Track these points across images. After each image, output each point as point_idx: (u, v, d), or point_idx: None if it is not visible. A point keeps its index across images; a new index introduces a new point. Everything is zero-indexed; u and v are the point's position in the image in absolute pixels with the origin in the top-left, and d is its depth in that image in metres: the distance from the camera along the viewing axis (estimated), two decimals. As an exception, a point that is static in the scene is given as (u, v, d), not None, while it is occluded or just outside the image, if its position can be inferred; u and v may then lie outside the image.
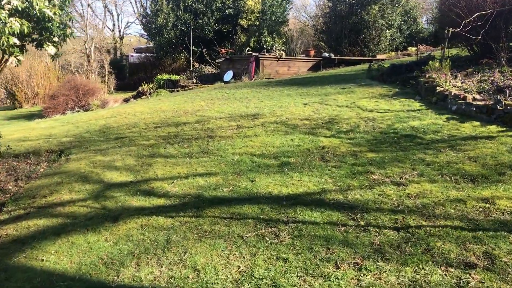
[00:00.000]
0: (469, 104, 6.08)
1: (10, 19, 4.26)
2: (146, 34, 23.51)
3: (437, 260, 2.69)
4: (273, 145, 5.52)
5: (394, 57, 15.18)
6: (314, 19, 24.13)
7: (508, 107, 5.50)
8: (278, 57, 15.11)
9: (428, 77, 7.71)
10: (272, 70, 14.92)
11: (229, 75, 15.07)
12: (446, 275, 2.53)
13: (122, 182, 4.62)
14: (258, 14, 19.71)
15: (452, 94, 6.50)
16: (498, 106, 5.68)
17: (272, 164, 4.84)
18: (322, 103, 7.70)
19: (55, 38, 5.06)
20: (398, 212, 3.39)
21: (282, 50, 16.44)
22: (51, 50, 5.13)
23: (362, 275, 2.60)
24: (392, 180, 4.07)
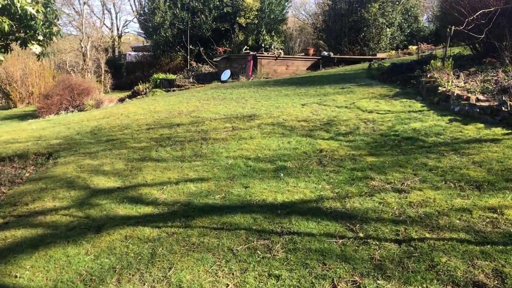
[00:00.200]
0: (472, 105, 5.87)
1: (-11, 17, 4.03)
2: (143, 32, 23.23)
3: (442, 278, 2.47)
4: (269, 148, 5.30)
5: (395, 56, 14.94)
6: (314, 17, 23.90)
7: (513, 109, 5.29)
8: (277, 56, 14.85)
9: (429, 76, 7.49)
10: (270, 69, 14.67)
11: (226, 74, 14.82)
12: (453, 296, 2.32)
13: (109, 188, 4.39)
14: (257, 12, 19.46)
15: (454, 94, 6.28)
16: (503, 108, 5.47)
17: (267, 168, 4.62)
18: (321, 104, 7.48)
19: (40, 37, 4.82)
20: (399, 222, 3.18)
21: (281, 49, 16.18)
22: (36, 49, 4.90)
23: (361, 296, 2.39)
24: (393, 186, 3.86)
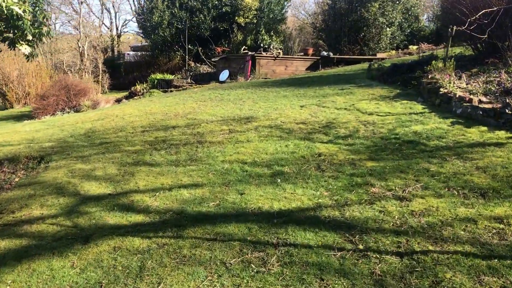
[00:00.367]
0: (475, 107, 5.72)
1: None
2: (141, 32, 23.02)
3: (447, 296, 2.33)
4: (266, 151, 5.15)
5: (395, 56, 14.77)
6: (313, 17, 23.70)
7: (518, 111, 5.14)
8: (275, 56, 14.68)
9: (431, 77, 7.33)
10: (268, 69, 14.50)
11: (225, 75, 14.65)
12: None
13: (99, 195, 4.24)
14: (256, 12, 19.27)
15: (456, 96, 6.13)
16: (506, 110, 5.32)
17: (264, 173, 4.47)
18: (320, 105, 7.33)
19: (29, 37, 4.67)
20: (401, 233, 3.03)
21: (280, 49, 16.00)
22: (26, 49, 4.75)
23: (360, 316, 2.24)
24: (394, 193, 3.71)
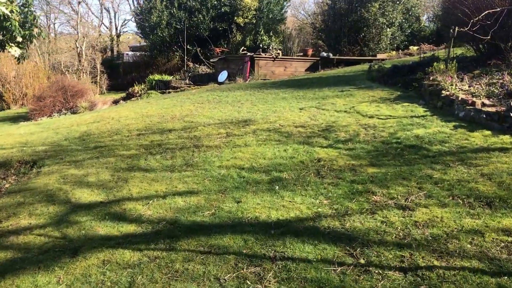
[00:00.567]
0: (478, 110, 5.57)
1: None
2: (140, 32, 22.87)
3: (455, 318, 2.18)
4: (264, 156, 5.01)
5: (395, 56, 14.62)
6: (313, 17, 23.57)
7: (523, 115, 5.00)
8: (274, 57, 14.53)
9: (432, 79, 7.19)
10: (267, 70, 14.35)
11: (223, 76, 14.50)
12: None
13: (91, 203, 4.09)
14: (255, 12, 19.12)
15: (459, 99, 5.98)
16: (511, 114, 5.18)
17: (261, 180, 4.33)
18: (319, 108, 7.18)
19: (19, 39, 4.52)
20: (404, 246, 2.88)
21: (279, 49, 15.85)
22: (15, 51, 4.61)
23: None
24: (396, 202, 3.56)
